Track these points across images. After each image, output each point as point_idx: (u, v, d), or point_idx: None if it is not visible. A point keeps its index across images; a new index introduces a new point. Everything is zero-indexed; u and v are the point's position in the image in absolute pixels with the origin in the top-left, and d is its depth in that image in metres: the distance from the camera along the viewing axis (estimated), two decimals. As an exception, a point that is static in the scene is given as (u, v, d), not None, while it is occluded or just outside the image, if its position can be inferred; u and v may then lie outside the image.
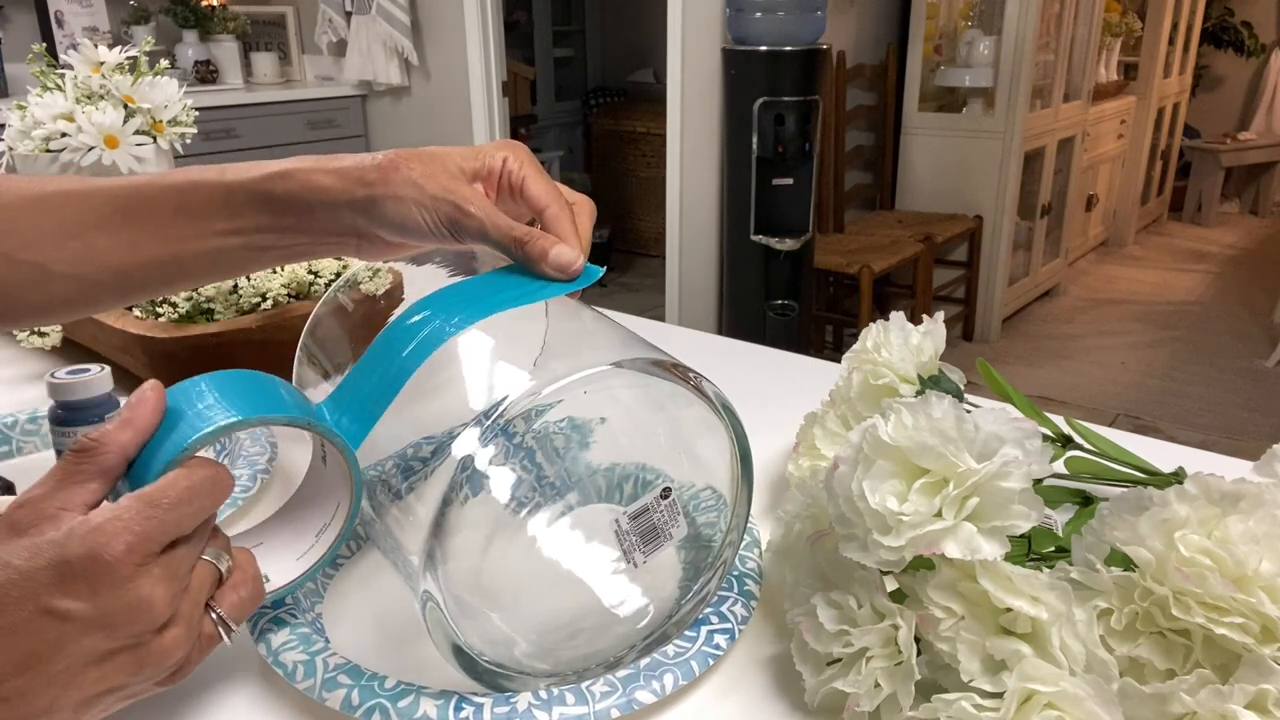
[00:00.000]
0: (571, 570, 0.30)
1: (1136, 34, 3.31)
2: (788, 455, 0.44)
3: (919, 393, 0.38)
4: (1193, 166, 3.96)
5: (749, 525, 0.39)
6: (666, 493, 0.31)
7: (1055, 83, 2.60)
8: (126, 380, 0.55)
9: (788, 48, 1.88)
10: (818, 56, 1.92)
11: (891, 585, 0.30)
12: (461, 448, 0.26)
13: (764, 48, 1.90)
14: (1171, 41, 3.45)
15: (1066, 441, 0.40)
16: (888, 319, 0.41)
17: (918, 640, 0.28)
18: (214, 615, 0.26)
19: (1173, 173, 3.91)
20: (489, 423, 0.27)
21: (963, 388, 0.40)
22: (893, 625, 0.29)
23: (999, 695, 0.27)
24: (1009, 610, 0.27)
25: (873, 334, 0.40)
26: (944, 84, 2.57)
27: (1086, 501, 0.39)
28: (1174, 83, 3.63)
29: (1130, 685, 0.27)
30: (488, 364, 0.32)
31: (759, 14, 1.88)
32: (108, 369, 0.42)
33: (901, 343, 0.39)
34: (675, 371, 0.30)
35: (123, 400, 0.45)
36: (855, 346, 0.41)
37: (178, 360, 0.51)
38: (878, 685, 0.28)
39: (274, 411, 0.28)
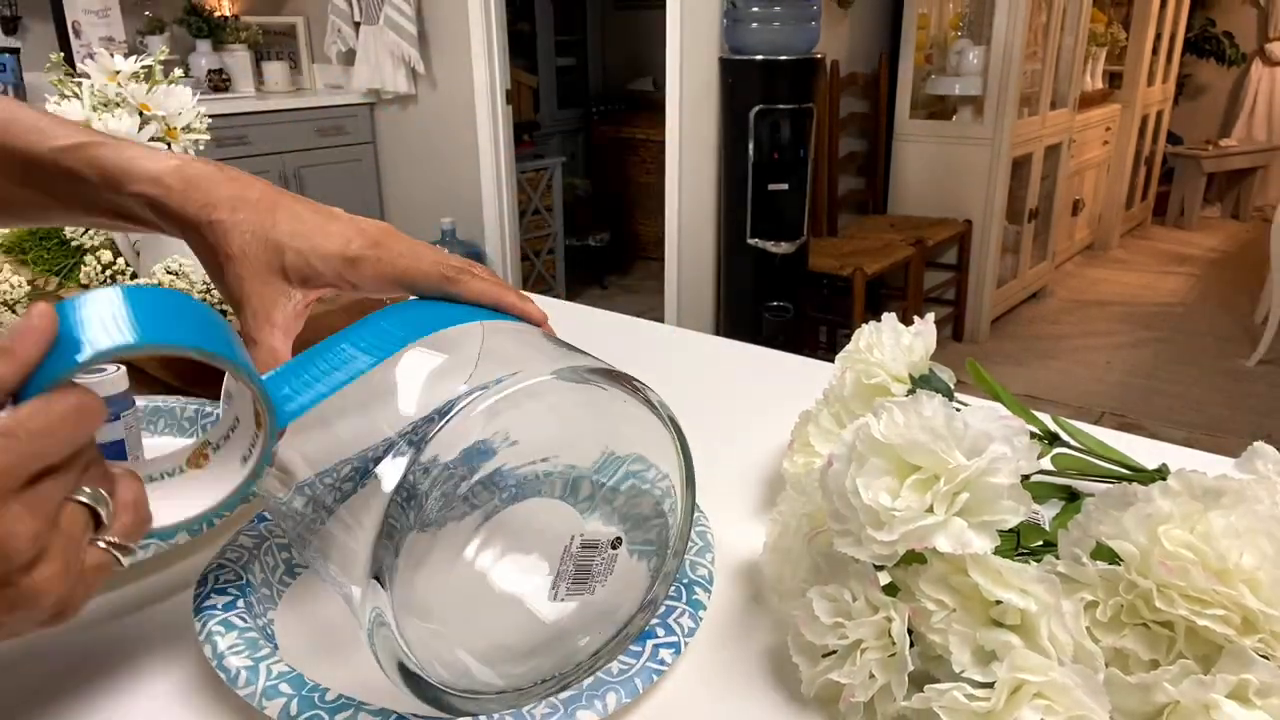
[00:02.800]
0: (515, 589, 0.29)
1: (1121, 44, 3.36)
2: (782, 452, 0.44)
3: (910, 391, 0.39)
4: (1176, 172, 4.02)
5: (706, 531, 0.38)
6: (617, 543, 0.29)
7: (1042, 91, 2.63)
8: (139, 378, 0.54)
9: (783, 57, 1.90)
10: (812, 66, 1.94)
11: (885, 579, 0.31)
12: (398, 465, 0.25)
13: (760, 57, 1.92)
14: (1155, 51, 3.50)
15: (1053, 439, 0.41)
16: (880, 320, 0.41)
17: (911, 632, 0.29)
18: (103, 543, 0.24)
19: (1156, 178, 3.96)
20: (427, 437, 0.25)
21: (953, 386, 0.41)
22: (886, 618, 0.29)
23: (990, 685, 0.27)
24: (999, 603, 0.28)
25: (865, 335, 0.41)
26: (934, 92, 2.60)
27: (1073, 497, 0.40)
28: (1157, 91, 3.68)
29: (1116, 675, 0.27)
30: (427, 378, 0.30)
31: (755, 24, 1.91)
32: (123, 369, 0.42)
33: (893, 343, 0.40)
34: (620, 381, 0.29)
35: (138, 400, 0.45)
36: (848, 347, 0.42)
37: (189, 360, 0.51)
38: (872, 676, 0.29)
39: (179, 340, 0.24)
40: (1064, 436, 0.41)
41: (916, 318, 0.41)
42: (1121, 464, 0.39)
